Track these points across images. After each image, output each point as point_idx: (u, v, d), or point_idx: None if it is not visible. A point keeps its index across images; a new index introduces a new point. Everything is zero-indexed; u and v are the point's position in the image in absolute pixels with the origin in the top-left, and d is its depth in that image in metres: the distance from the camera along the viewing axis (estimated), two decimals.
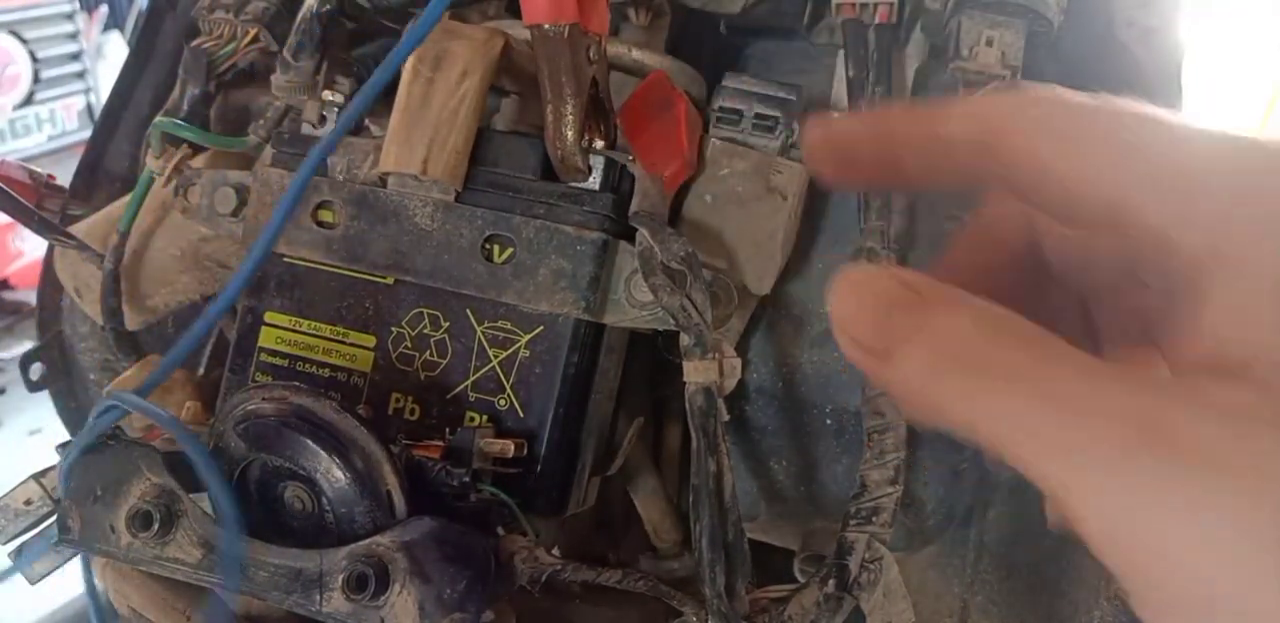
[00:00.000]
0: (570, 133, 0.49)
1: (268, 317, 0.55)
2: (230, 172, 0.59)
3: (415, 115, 0.51)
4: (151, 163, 0.63)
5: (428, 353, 0.52)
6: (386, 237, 0.52)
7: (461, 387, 0.52)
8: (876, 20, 0.56)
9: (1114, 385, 0.21)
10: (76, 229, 0.67)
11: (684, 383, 0.49)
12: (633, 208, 0.52)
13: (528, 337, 0.51)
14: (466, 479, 0.46)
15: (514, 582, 0.46)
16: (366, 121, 0.58)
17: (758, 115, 0.56)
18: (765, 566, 0.55)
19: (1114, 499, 0.20)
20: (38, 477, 0.50)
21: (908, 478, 0.54)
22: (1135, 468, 0.20)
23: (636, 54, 0.58)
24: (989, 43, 0.56)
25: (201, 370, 0.69)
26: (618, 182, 0.52)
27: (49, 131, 2.55)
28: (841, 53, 0.59)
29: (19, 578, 0.50)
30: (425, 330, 0.52)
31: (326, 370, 0.54)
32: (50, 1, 2.50)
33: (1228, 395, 0.21)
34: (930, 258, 0.60)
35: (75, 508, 0.46)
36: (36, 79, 2.49)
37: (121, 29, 2.77)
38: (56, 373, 0.76)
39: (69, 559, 0.50)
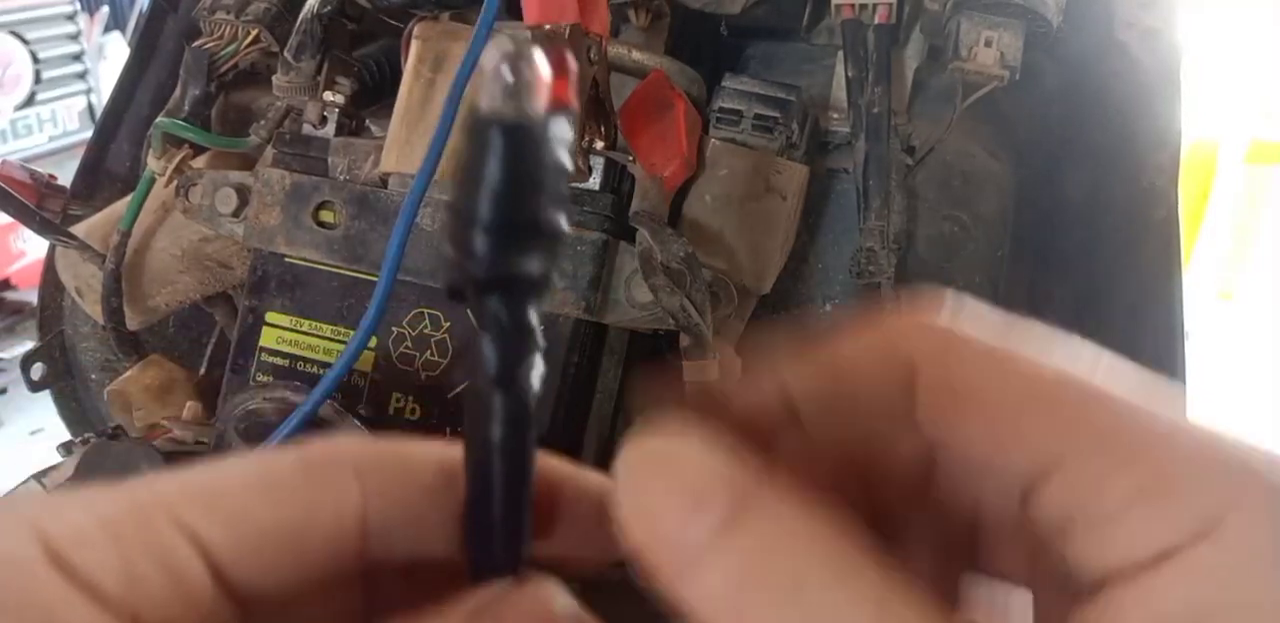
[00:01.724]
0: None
1: (269, 317, 0.55)
2: (231, 172, 0.59)
3: (416, 116, 0.51)
4: (153, 163, 0.63)
5: (428, 353, 0.52)
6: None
7: (462, 386, 0.52)
8: (876, 21, 0.56)
9: None
10: (77, 229, 0.67)
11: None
12: (633, 208, 0.52)
13: None
14: None
15: None
16: (367, 122, 0.58)
17: (757, 116, 0.56)
18: None
19: None
20: (38, 477, 0.50)
21: None
22: None
23: (637, 55, 0.58)
24: (988, 43, 0.56)
25: (202, 370, 0.69)
26: (618, 182, 0.52)
27: (50, 132, 2.55)
28: (841, 53, 0.59)
29: None
30: (426, 330, 0.53)
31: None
32: (52, 2, 2.50)
33: None
34: (929, 258, 0.60)
35: None
36: (38, 80, 2.49)
37: (123, 30, 2.77)
38: (58, 373, 0.76)
39: None
